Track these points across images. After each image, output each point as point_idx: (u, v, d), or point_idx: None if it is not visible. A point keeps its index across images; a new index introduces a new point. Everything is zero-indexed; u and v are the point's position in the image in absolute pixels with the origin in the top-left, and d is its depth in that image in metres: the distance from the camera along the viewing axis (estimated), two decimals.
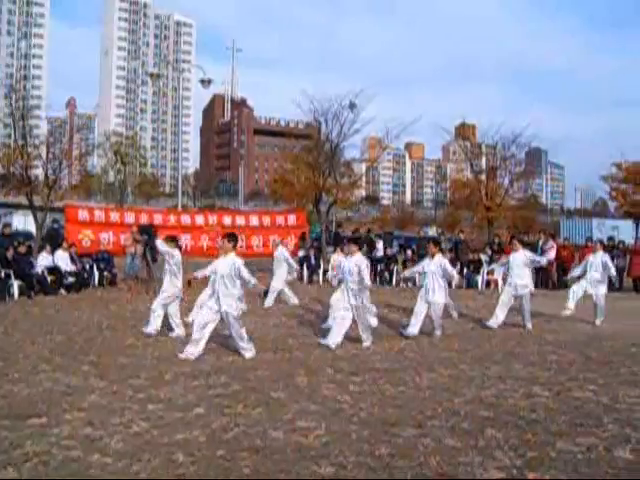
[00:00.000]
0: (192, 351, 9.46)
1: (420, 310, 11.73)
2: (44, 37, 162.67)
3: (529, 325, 13.13)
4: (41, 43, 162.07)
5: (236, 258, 9.66)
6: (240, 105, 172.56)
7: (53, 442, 5.62)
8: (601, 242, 15.73)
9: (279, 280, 15.94)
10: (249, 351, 9.67)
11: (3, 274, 16.48)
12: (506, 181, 32.41)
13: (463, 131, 42.91)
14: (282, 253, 16.24)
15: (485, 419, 6.45)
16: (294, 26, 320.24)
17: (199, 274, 10.40)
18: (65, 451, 5.39)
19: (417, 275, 15.86)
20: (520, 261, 13.27)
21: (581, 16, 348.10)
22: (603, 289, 14.09)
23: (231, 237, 10.07)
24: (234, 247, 9.91)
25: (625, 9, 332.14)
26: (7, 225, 22.38)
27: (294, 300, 16.02)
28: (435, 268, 11.86)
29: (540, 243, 22.72)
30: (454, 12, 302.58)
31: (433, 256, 12.03)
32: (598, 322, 13.79)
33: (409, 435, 5.90)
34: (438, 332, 11.86)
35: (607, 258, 14.27)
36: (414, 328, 11.57)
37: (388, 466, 5.12)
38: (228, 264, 9.57)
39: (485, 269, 21.74)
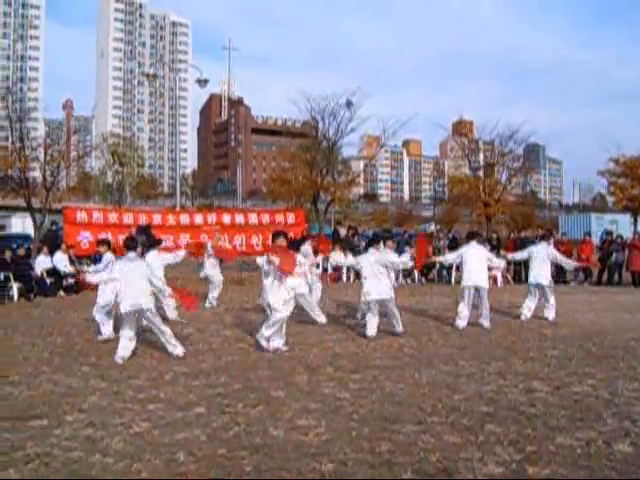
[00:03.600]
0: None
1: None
2: (40, 39, 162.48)
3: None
4: (37, 45, 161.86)
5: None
6: (237, 104, 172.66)
7: (54, 443, 5.64)
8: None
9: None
10: (176, 348, 9.58)
11: (2, 276, 16.51)
12: (504, 177, 32.51)
13: (460, 127, 42.93)
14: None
15: (485, 415, 6.46)
16: (289, 25, 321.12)
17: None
18: (66, 452, 5.42)
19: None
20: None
21: (576, 9, 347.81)
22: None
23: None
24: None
25: (619, 2, 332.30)
26: (2, 227, 22.43)
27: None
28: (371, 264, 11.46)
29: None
30: (449, 8, 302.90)
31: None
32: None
33: (409, 432, 5.91)
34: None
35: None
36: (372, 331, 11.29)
37: (388, 463, 5.13)
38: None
39: None
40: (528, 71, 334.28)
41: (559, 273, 21.92)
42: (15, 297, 16.33)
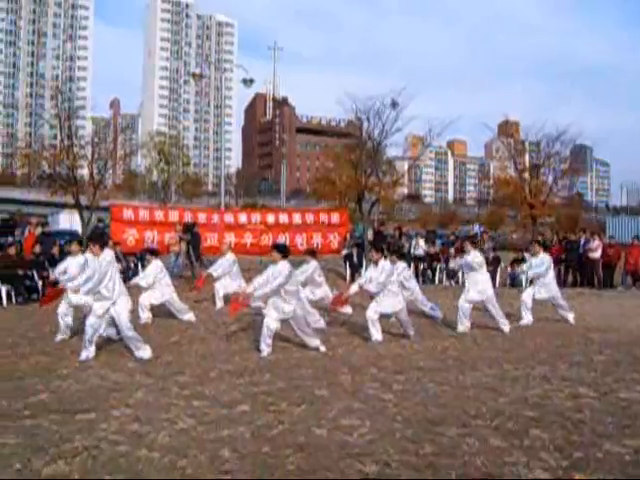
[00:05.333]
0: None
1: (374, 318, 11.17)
2: (88, 39, 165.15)
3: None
4: (86, 45, 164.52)
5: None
6: (282, 104, 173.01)
7: (102, 437, 5.73)
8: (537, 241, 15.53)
9: None
10: (143, 351, 9.42)
11: (51, 271, 16.80)
12: (550, 179, 32.02)
13: (506, 128, 42.34)
14: None
15: (530, 419, 6.39)
16: (335, 25, 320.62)
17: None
18: (113, 446, 5.50)
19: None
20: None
21: (628, 9, 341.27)
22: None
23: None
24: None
25: None
26: (45, 224, 22.79)
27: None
28: (380, 276, 11.12)
29: (582, 241, 22.44)
30: (495, 7, 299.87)
31: (376, 263, 11.31)
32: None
33: (453, 434, 5.88)
34: (411, 332, 11.43)
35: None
36: (376, 335, 11.07)
37: (432, 465, 5.11)
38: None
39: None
40: (576, 71, 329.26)
41: (606, 278, 21.62)
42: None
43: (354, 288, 11.53)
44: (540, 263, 13.54)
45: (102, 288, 9.30)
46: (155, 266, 13.09)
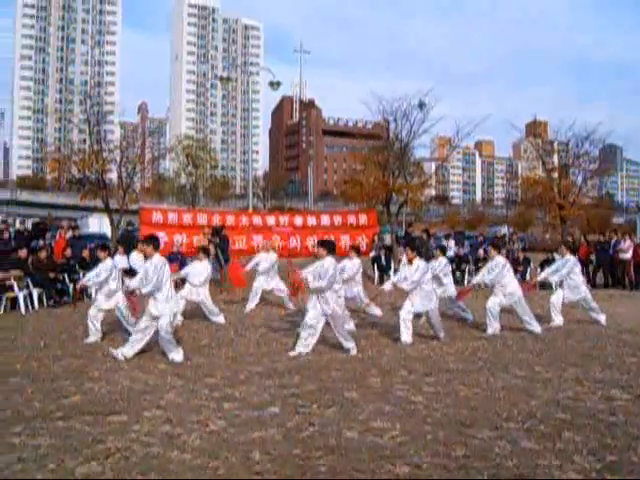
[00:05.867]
0: (126, 352, 9.49)
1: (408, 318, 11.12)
2: (116, 44, 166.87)
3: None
4: (114, 50, 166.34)
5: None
6: (308, 106, 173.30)
7: (134, 438, 5.78)
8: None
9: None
10: (175, 354, 9.46)
11: (82, 274, 16.97)
12: (579, 179, 31.76)
13: (534, 128, 42.12)
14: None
15: (562, 422, 6.34)
16: (360, 26, 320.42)
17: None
18: (145, 447, 5.55)
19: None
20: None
21: None
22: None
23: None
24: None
25: None
26: (76, 227, 23.02)
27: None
28: (414, 275, 11.06)
29: (613, 242, 22.18)
30: (521, 6, 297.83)
31: (411, 262, 11.25)
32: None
33: (484, 437, 5.85)
34: (441, 334, 11.36)
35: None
36: (407, 336, 10.99)
37: (464, 467, 5.09)
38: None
39: None
40: (605, 70, 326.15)
41: (637, 279, 21.34)
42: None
43: (388, 286, 11.53)
44: (562, 265, 13.45)
45: (157, 291, 9.41)
46: (205, 265, 13.29)
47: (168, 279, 9.58)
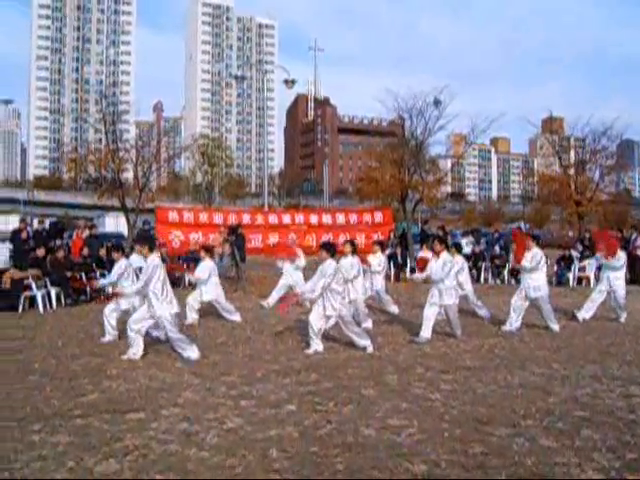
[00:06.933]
0: (134, 352, 9.49)
1: (429, 314, 11.07)
2: (131, 44, 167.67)
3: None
4: (129, 50, 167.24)
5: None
6: (323, 104, 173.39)
7: (152, 436, 5.80)
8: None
9: None
10: (190, 352, 9.42)
11: (99, 274, 17.07)
12: (596, 175, 31.58)
13: (550, 124, 41.79)
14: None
15: (581, 419, 6.30)
16: (374, 24, 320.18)
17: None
18: (163, 445, 5.56)
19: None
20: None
21: None
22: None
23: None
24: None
25: None
26: (93, 226, 23.13)
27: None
28: (440, 268, 11.08)
29: (633, 238, 22.02)
30: (538, 1, 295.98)
31: (438, 255, 11.25)
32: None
33: (502, 434, 5.82)
34: (458, 332, 11.29)
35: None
36: (426, 332, 10.94)
37: (482, 465, 5.06)
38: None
39: (576, 265, 21.25)
40: (622, 64, 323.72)
41: None
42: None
43: (420, 276, 11.70)
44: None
45: (150, 290, 9.42)
46: (208, 263, 13.30)
47: (164, 280, 9.59)
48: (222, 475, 4.92)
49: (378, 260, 13.98)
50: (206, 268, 13.19)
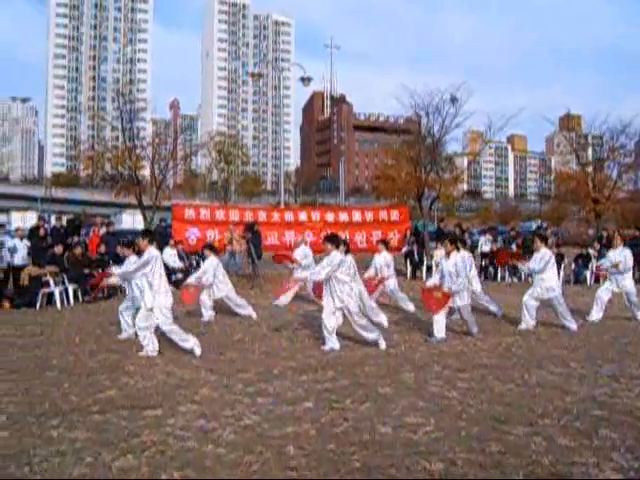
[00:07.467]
0: (150, 350, 9.54)
1: (438, 317, 10.89)
2: (148, 42, 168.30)
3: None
4: (145, 48, 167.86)
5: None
6: (339, 101, 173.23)
7: (169, 432, 5.82)
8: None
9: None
10: (189, 343, 9.52)
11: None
12: (614, 173, 31.37)
13: (568, 122, 41.61)
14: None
15: (599, 419, 6.26)
16: (390, 21, 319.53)
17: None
18: (180, 441, 5.58)
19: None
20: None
21: None
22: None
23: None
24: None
25: None
26: (110, 223, 23.24)
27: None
28: (452, 268, 11.04)
29: None
30: None
31: (449, 254, 11.20)
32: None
33: (520, 433, 5.79)
34: (474, 330, 11.25)
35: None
36: (439, 333, 10.78)
37: (499, 464, 5.04)
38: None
39: (594, 264, 21.12)
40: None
41: None
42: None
43: (432, 281, 11.69)
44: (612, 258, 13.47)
45: (146, 281, 9.54)
46: (212, 261, 13.33)
47: (160, 273, 9.69)
48: (239, 472, 4.93)
49: (384, 259, 13.98)
50: (210, 269, 13.22)
